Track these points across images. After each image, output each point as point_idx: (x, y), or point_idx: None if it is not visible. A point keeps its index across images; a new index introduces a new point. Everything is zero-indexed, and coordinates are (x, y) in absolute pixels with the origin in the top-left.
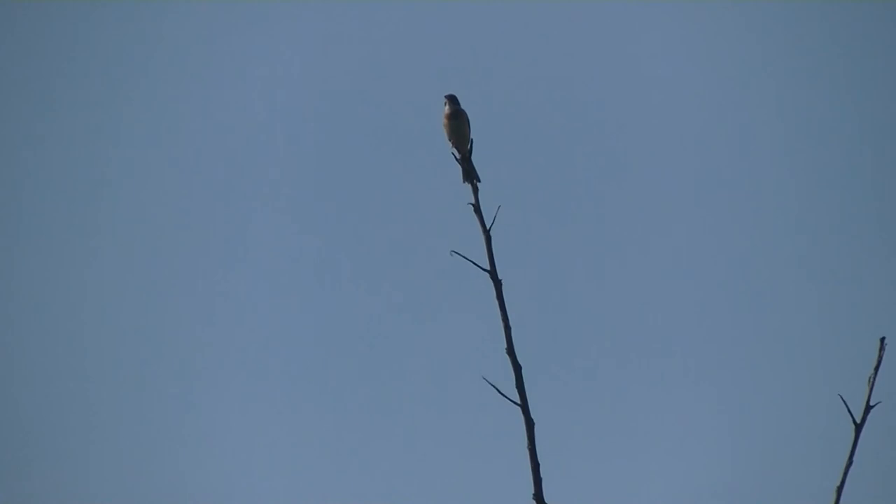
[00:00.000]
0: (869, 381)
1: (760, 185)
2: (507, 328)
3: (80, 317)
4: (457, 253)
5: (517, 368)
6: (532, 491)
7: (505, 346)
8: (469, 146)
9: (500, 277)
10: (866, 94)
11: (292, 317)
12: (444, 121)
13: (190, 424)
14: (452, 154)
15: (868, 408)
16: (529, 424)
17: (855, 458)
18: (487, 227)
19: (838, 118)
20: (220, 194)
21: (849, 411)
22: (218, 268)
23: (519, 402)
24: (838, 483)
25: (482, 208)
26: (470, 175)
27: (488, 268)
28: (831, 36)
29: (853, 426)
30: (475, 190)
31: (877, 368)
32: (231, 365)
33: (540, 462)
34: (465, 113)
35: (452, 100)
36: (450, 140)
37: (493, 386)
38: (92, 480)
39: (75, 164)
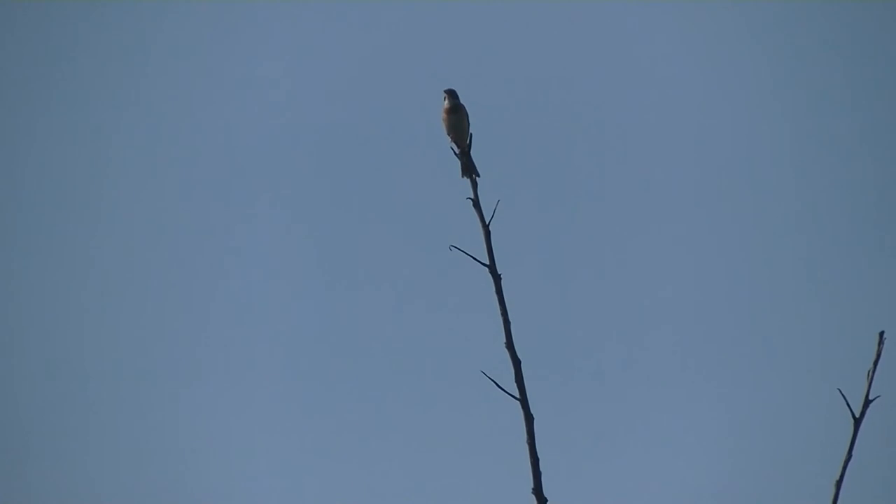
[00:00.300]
0: (868, 375)
1: (759, 180)
2: (507, 323)
3: (79, 316)
4: (456, 247)
5: (516, 363)
6: (531, 486)
7: (504, 340)
8: (468, 141)
9: (499, 272)
10: (866, 94)
11: (290, 313)
12: (443, 115)
13: (190, 424)
14: (451, 149)
15: (867, 402)
16: (529, 419)
17: (854, 453)
18: (487, 222)
19: (838, 118)
20: (218, 192)
21: (848, 405)
22: (216, 263)
23: (518, 396)
24: (837, 477)
25: (481, 203)
26: (469, 169)
27: (487, 262)
28: (831, 36)
29: (852, 420)
30: (474, 185)
31: (876, 362)
32: (229, 363)
33: (539, 457)
34: (464, 107)
35: (452, 94)
36: (449, 135)
37: (493, 381)
38: (91, 480)
39: (75, 164)
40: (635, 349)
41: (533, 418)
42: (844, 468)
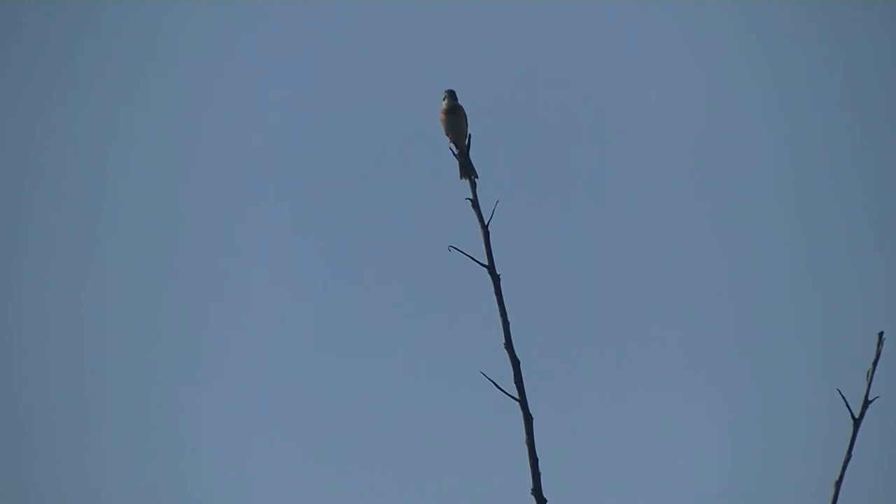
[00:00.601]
0: (867, 375)
1: (758, 180)
2: (506, 323)
3: (80, 316)
4: (455, 248)
5: (516, 363)
6: (531, 486)
7: (503, 341)
8: (467, 141)
9: (498, 272)
10: (865, 94)
11: (290, 313)
12: (441, 116)
13: (189, 425)
14: (450, 149)
15: (866, 402)
16: (528, 420)
17: (853, 453)
18: (486, 222)
19: (838, 118)
20: (219, 192)
21: (847, 406)
22: (216, 265)
23: (517, 397)
24: (836, 478)
25: (480, 203)
26: (468, 170)
27: (486, 263)
28: (831, 36)
29: (852, 421)
30: (473, 185)
31: (875, 363)
32: (228, 363)
33: (539, 457)
34: (462, 108)
35: (451, 95)
36: (447, 135)
37: (492, 381)
38: (92, 480)
39: (76, 164)
40: (635, 349)
41: (532, 419)
42: (844, 468)
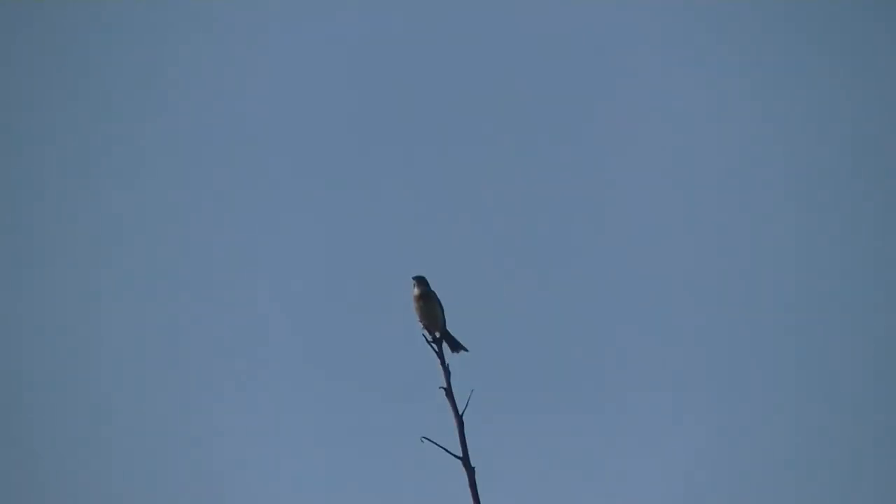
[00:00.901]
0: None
1: (752, 180)
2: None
3: (82, 316)
4: (427, 439)
5: None
6: None
7: None
8: (442, 323)
9: (472, 465)
10: (865, 94)
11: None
12: (413, 303)
13: (190, 425)
14: (423, 336)
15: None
16: None
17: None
18: (461, 413)
19: (837, 118)
20: (220, 195)
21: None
22: (217, 271)
23: None
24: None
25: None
26: (454, 346)
27: (461, 454)
28: (830, 36)
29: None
30: (447, 373)
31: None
32: (228, 366)
33: None
34: (434, 294)
35: (421, 281)
36: (421, 322)
37: None
38: (95, 482)
39: (77, 166)
40: (635, 352)
41: None
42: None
